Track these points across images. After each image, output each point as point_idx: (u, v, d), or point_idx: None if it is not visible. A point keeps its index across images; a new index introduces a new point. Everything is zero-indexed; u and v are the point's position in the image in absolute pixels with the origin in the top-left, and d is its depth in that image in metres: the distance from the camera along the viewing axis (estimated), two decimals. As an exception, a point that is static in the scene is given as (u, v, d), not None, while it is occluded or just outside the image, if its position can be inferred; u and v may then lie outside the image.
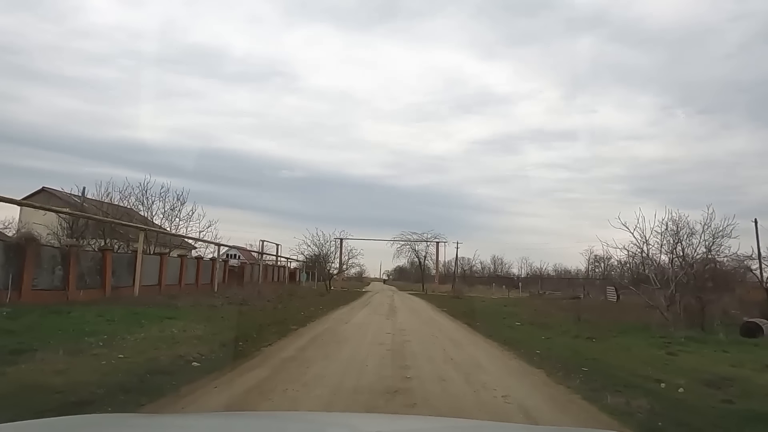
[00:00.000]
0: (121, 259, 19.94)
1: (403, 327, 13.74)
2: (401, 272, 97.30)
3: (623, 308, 24.06)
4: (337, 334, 11.56)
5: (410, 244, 61.23)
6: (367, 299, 31.88)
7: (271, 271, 45.33)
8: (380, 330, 12.73)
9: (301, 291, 35.12)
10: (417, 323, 15.85)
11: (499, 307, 26.87)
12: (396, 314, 19.14)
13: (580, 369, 8.02)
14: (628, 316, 20.14)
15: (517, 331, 14.72)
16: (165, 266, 23.08)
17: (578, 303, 29.68)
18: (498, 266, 78.88)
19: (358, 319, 16.26)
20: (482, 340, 11.90)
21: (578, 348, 11.09)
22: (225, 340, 9.42)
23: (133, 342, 8.72)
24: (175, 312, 13.99)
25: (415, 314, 20.48)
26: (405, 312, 21.08)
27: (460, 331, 14.00)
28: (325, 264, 41.25)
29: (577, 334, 14.11)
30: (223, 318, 13.57)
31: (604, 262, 66.52)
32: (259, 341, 9.80)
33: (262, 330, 11.29)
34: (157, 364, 7.00)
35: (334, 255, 42.12)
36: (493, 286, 56.61)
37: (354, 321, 15.23)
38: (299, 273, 55.83)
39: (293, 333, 11.38)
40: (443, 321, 17.53)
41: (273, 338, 10.31)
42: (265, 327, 11.92)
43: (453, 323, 16.74)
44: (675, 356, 10.23)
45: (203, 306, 17.55)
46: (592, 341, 12.67)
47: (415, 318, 18.25)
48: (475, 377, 7.02)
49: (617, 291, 28.51)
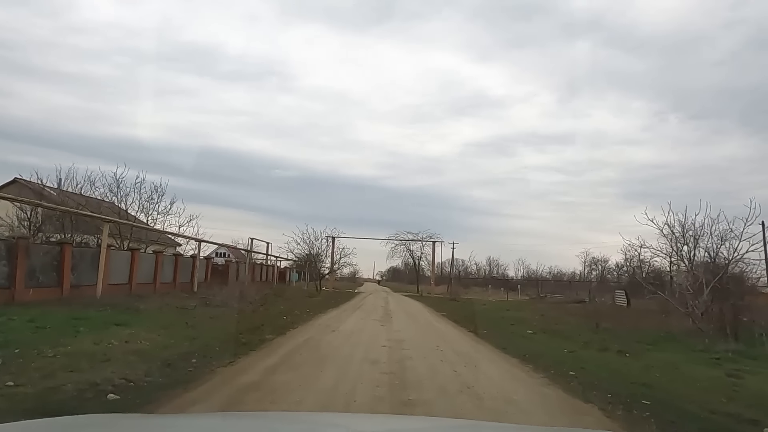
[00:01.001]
0: (83, 254, 17.74)
1: (401, 337, 11.65)
2: (395, 273, 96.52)
3: (637, 314, 22.10)
4: (321, 348, 9.43)
5: (405, 244, 59.09)
6: (359, 301, 29.78)
7: (259, 270, 43.11)
8: (373, 341, 10.63)
9: (289, 292, 32.95)
10: (416, 331, 13.77)
11: (501, 312, 24.86)
12: (391, 319, 17.06)
13: (639, 402, 6.00)
14: (645, 323, 18.22)
15: (532, 341, 12.70)
16: (136, 263, 20.91)
17: (586, 307, 27.73)
18: (494, 268, 77.96)
19: (348, 325, 14.16)
20: (498, 355, 9.83)
21: (616, 367, 9.08)
22: (174, 357, 7.34)
23: (48, 359, 6.61)
24: (131, 316, 11.87)
25: (412, 319, 18.42)
26: (401, 317, 19.01)
27: (467, 342, 11.94)
28: (315, 263, 39.05)
29: (603, 346, 12.11)
30: (188, 324, 11.46)
31: (601, 265, 65.97)
32: (219, 357, 7.71)
33: (229, 340, 9.20)
34: (55, 397, 4.92)
35: (325, 254, 39.86)
36: (489, 288, 54.59)
37: (343, 328, 13.11)
38: (289, 273, 53.64)
39: (267, 345, 9.27)
40: (445, 328, 15.46)
41: (239, 352, 8.23)
42: (235, 336, 9.82)
43: (456, 331, 14.70)
44: (740, 379, 8.22)
45: (171, 308, 15.42)
46: (626, 356, 10.66)
47: (412, 324, 16.19)
48: (511, 421, 4.92)
49: (627, 295, 26.51)
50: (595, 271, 64.56)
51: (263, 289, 29.91)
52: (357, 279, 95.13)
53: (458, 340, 12.07)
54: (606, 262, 60.32)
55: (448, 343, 11.26)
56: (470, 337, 13.01)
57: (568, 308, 27.42)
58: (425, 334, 13.14)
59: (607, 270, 63.84)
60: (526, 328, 16.27)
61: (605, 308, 26.39)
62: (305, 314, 17.02)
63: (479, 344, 11.52)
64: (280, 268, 51.04)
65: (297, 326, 12.76)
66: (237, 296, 21.32)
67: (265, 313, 16.36)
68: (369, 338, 11.04)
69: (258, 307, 18.83)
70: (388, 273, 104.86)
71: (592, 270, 65.50)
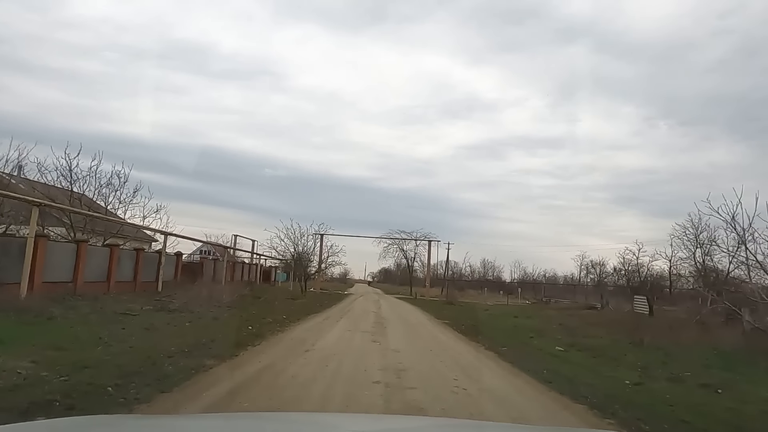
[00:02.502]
0: (7, 245, 14.41)
1: (401, 361, 8.40)
2: (387, 274, 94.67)
3: (669, 325, 19.08)
4: (278, 388, 5.93)
5: (398, 244, 55.88)
6: (347, 305, 26.54)
7: (240, 269, 39.71)
8: (362, 372, 7.32)
9: (271, 293, 29.58)
10: (420, 351, 10.44)
11: (509, 319, 21.72)
12: (386, 331, 13.83)
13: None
14: (685, 336, 15.24)
15: (571, 365, 9.54)
16: (83, 258, 17.54)
17: (602, 315, 24.67)
18: (488, 270, 76.12)
19: (329, 340, 10.88)
20: (547, 397, 6.60)
21: (720, 413, 5.97)
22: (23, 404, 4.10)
23: None
24: (26, 328, 8.57)
25: (411, 330, 15.20)
26: (397, 326, 15.79)
27: (492, 369, 8.70)
28: (301, 262, 35.59)
29: (669, 373, 9.01)
30: (102, 341, 8.17)
31: (599, 267, 64.07)
32: (108, 403, 4.50)
33: (139, 371, 5.96)
34: None
35: (312, 252, 36.38)
36: (485, 291, 51.37)
37: (321, 346, 9.81)
38: (275, 272, 50.19)
39: (196, 381, 5.95)
40: (455, 344, 12.21)
41: (137, 395, 4.99)
42: (155, 362, 6.60)
43: (470, 348, 11.50)
44: None
45: (106, 314, 12.12)
46: (717, 393, 7.55)
47: (413, 338, 12.95)
48: None
49: (649, 301, 23.48)
50: (591, 275, 63.99)
51: (241, 290, 26.61)
52: (348, 280, 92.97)
53: (479, 366, 8.83)
54: (603, 265, 59.58)
55: (468, 372, 8.02)
56: (492, 358, 9.83)
57: (582, 316, 24.36)
58: (433, 355, 9.88)
59: (604, 273, 63.28)
60: (552, 343, 13.16)
61: (626, 316, 23.34)
62: (278, 322, 13.78)
63: (511, 373, 8.33)
64: (264, 267, 47.66)
65: (259, 342, 9.48)
66: (205, 298, 18.02)
67: (230, 320, 13.11)
68: (355, 365, 7.76)
69: (224, 312, 15.55)
70: (379, 274, 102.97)
71: (588, 273, 64.85)
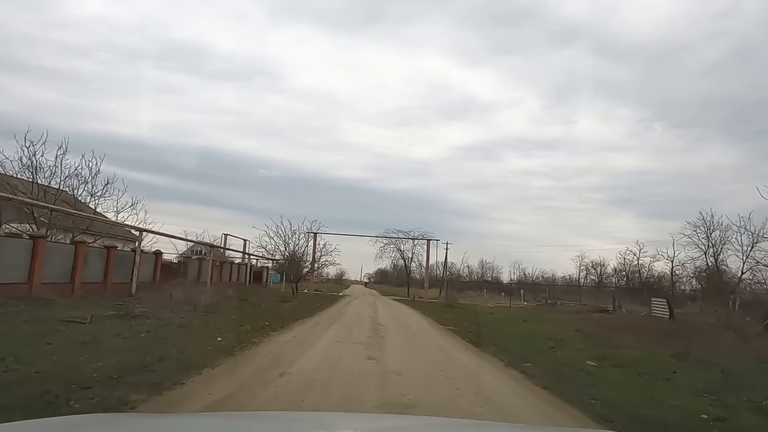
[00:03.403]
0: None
1: (404, 389, 6.24)
2: (383, 275, 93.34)
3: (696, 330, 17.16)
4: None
5: (395, 243, 53.85)
6: (341, 308, 24.49)
7: (228, 269, 37.61)
8: (351, 407, 5.31)
9: (259, 294, 27.49)
10: (428, 371, 8.22)
11: (519, 324, 19.71)
12: (384, 341, 11.77)
13: None
14: (720, 344, 13.36)
15: (620, 389, 7.52)
16: (40, 256, 15.50)
17: (618, 319, 22.71)
18: (486, 271, 74.61)
19: (314, 358, 8.72)
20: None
21: None
22: None
23: None
24: None
25: (413, 341, 13.12)
26: (397, 335, 13.75)
27: (526, 399, 6.55)
28: (293, 261, 33.44)
29: (754, 401, 7.03)
30: (2, 361, 6.13)
31: (599, 268, 62.61)
32: None
33: (33, 410, 3.94)
34: None
35: (304, 251, 34.19)
36: (485, 292, 49.30)
37: (302, 367, 7.64)
38: (267, 273, 48.01)
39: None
40: (467, 360, 10.05)
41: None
42: (66, 393, 4.61)
43: (485, 364, 9.41)
44: None
45: (50, 321, 10.05)
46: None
47: (417, 352, 10.84)
48: None
49: (670, 305, 21.51)
50: (591, 275, 62.94)
51: (226, 292, 24.52)
52: (344, 281, 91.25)
53: (509, 395, 6.72)
54: (603, 266, 58.86)
55: (499, 408, 5.93)
56: (519, 381, 7.78)
57: (596, 320, 22.38)
58: (445, 379, 7.73)
59: (605, 274, 62.01)
60: (579, 356, 11.17)
61: (644, 321, 21.39)
62: (257, 331, 11.73)
63: (553, 407, 6.25)
64: (255, 267, 45.52)
65: (223, 361, 7.39)
66: (180, 301, 15.97)
67: (194, 330, 11.05)
68: (342, 401, 5.59)
69: (197, 318, 13.49)
70: (375, 275, 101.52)
71: (588, 274, 63.78)
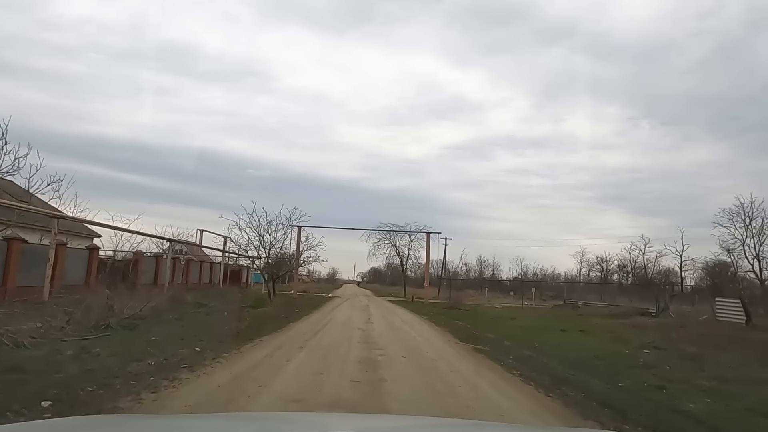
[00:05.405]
0: None
1: None
2: (377, 274, 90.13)
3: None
4: None
5: (389, 239, 49.02)
6: (326, 315, 19.56)
7: (198, 269, 32.54)
8: None
9: (228, 298, 22.26)
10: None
11: (555, 334, 14.93)
12: (382, 385, 6.93)
13: None
14: None
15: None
16: None
17: (684, 327, 17.97)
18: (485, 269, 71.39)
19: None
20: None
21: None
22: None
23: None
24: None
25: (432, 379, 8.27)
26: (401, 366, 8.88)
27: None
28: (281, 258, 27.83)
29: None
30: None
31: (605, 265, 59.46)
32: None
33: None
34: None
35: (283, 245, 28.22)
36: (486, 291, 44.64)
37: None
38: (247, 273, 42.93)
39: None
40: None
41: None
42: None
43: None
44: None
45: None
46: None
47: (445, 410, 6.06)
48: None
49: (746, 307, 16.82)
50: (592, 272, 60.94)
51: (184, 296, 19.59)
52: (336, 281, 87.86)
53: None
54: (608, 262, 56.65)
55: None
56: None
57: (650, 327, 17.64)
58: None
59: (609, 270, 59.25)
60: (716, 404, 6.43)
61: (716, 328, 16.69)
62: (171, 367, 6.82)
63: None
64: (233, 266, 40.43)
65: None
66: (97, 313, 11.01)
67: (97, 359, 6.15)
68: None
69: (72, 346, 8.47)
70: (369, 274, 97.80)
71: (590, 271, 61.56)
